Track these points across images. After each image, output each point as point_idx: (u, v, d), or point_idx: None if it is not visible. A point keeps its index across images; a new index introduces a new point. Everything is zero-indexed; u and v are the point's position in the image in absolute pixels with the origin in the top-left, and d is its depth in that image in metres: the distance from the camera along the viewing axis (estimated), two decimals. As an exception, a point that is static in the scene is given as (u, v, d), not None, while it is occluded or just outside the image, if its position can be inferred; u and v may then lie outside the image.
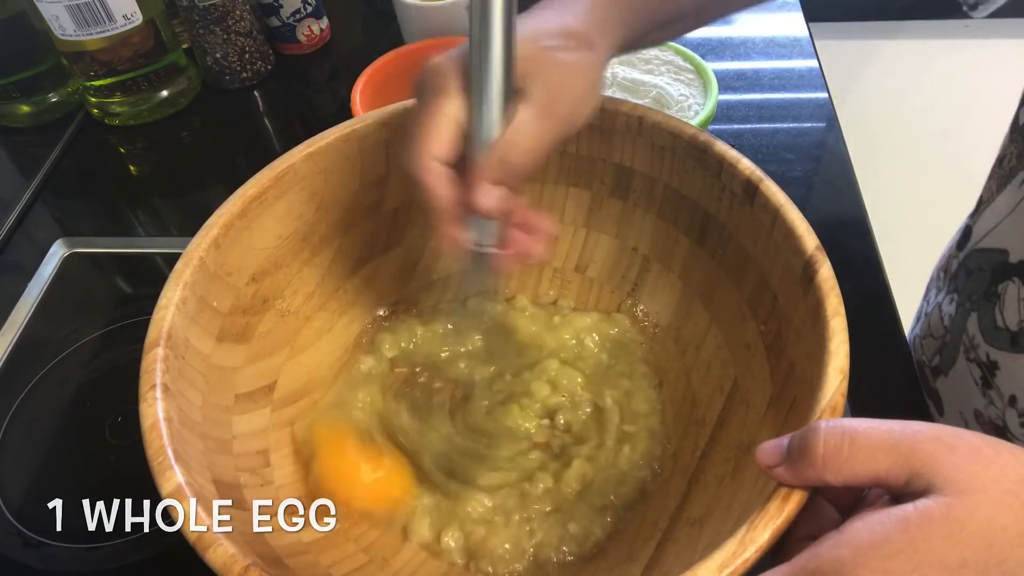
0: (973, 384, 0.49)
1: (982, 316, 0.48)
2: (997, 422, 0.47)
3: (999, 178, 0.49)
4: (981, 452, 0.25)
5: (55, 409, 0.54)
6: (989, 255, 0.48)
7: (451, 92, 0.35)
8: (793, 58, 0.79)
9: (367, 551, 0.42)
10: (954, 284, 0.53)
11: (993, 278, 0.47)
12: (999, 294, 0.46)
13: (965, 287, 0.50)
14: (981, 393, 0.48)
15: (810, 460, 0.27)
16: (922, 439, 0.26)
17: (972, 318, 0.49)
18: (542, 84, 0.35)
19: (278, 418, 0.44)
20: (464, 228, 0.37)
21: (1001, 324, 0.46)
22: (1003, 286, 0.46)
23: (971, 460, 0.25)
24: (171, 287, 0.39)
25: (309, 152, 0.45)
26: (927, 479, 0.25)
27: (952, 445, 0.25)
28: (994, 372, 0.47)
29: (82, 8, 0.66)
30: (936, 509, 0.24)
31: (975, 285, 0.49)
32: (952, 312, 0.52)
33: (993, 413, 0.48)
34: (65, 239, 0.66)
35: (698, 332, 0.46)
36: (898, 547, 0.24)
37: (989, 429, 0.49)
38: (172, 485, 0.32)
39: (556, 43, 0.36)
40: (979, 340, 0.48)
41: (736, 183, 0.41)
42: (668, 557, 0.38)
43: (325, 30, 0.84)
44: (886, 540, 0.24)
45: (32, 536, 0.47)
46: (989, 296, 0.47)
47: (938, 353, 0.54)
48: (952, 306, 0.52)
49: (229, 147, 0.77)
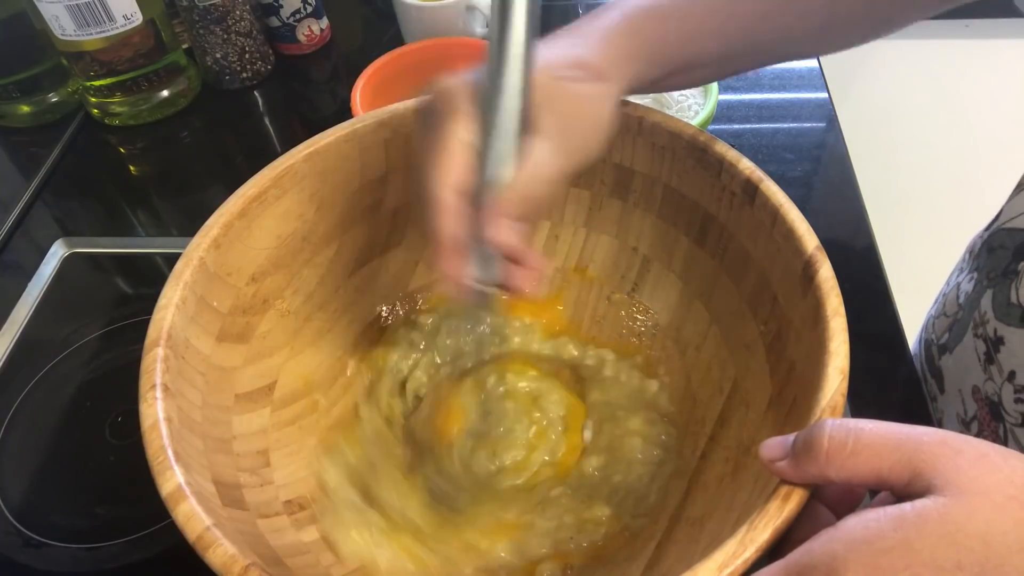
0: (976, 360, 0.49)
1: (997, 292, 0.47)
2: (992, 398, 0.47)
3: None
4: (987, 457, 0.25)
5: (55, 409, 0.54)
6: (1015, 234, 0.48)
7: (463, 118, 0.34)
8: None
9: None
10: (975, 263, 0.52)
11: (1015, 256, 0.47)
12: (1018, 271, 0.46)
13: (985, 264, 0.50)
14: (982, 368, 0.48)
15: (813, 455, 0.27)
16: (927, 441, 0.26)
17: (987, 295, 0.48)
18: (555, 114, 0.35)
19: (278, 418, 0.44)
20: (467, 263, 0.35)
21: (1015, 300, 0.45)
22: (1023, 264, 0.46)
23: (976, 464, 0.25)
24: (171, 287, 0.39)
25: (309, 152, 0.45)
26: (928, 480, 0.25)
27: (958, 448, 0.25)
28: (999, 347, 0.46)
29: (82, 8, 0.66)
30: (934, 509, 0.24)
31: (996, 262, 0.49)
32: (969, 290, 0.52)
33: (990, 388, 0.48)
34: (65, 239, 0.66)
35: (698, 332, 0.46)
36: (891, 544, 0.24)
37: (984, 405, 0.49)
38: (172, 485, 0.32)
39: (569, 73, 0.36)
40: (989, 316, 0.48)
41: (736, 183, 0.41)
42: (668, 557, 0.38)
43: (325, 30, 0.84)
44: (880, 536, 0.24)
45: (32, 536, 0.47)
46: (1008, 273, 0.47)
47: (948, 330, 0.54)
48: (970, 284, 0.52)
49: (229, 147, 0.77)
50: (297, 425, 0.45)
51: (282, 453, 0.43)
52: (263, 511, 0.39)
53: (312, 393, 0.47)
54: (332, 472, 0.44)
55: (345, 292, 0.50)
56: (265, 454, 0.42)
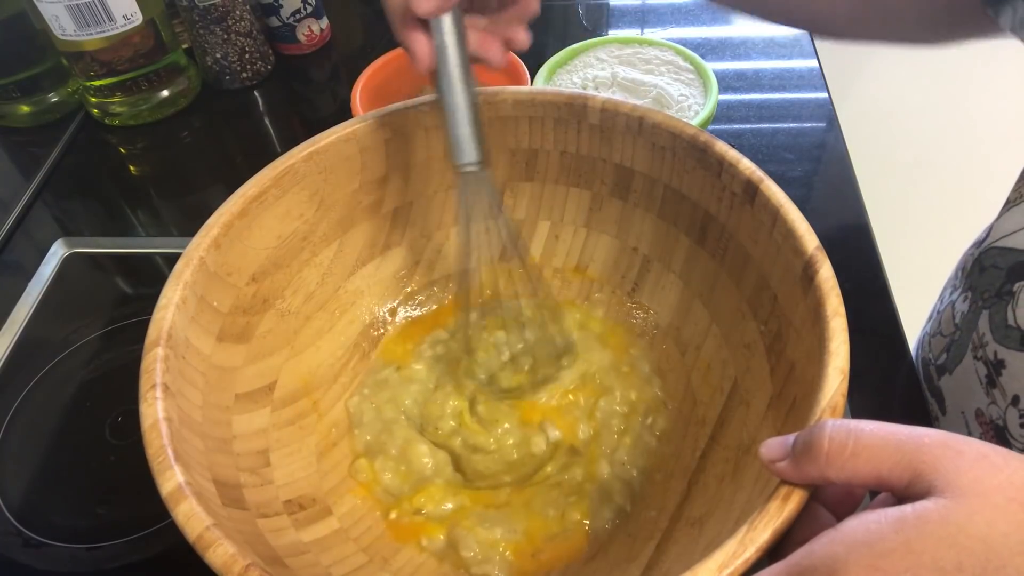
0: (977, 382, 0.48)
1: (993, 313, 0.47)
2: (998, 422, 0.47)
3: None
4: (988, 459, 0.25)
5: (55, 409, 0.54)
6: (1007, 254, 0.48)
7: None
8: (793, 58, 0.79)
9: (367, 551, 0.42)
10: (968, 281, 0.52)
11: (1009, 276, 0.46)
12: (1013, 293, 0.46)
13: (979, 284, 0.50)
14: (984, 392, 0.48)
15: (813, 455, 0.27)
16: (928, 442, 0.26)
17: (984, 315, 0.48)
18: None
19: (278, 418, 0.44)
20: (427, 34, 0.40)
21: (1012, 323, 0.45)
22: (1019, 285, 0.45)
23: (977, 466, 0.25)
24: (171, 287, 0.39)
25: (309, 152, 0.45)
26: (929, 481, 0.25)
27: (959, 450, 0.25)
28: (1000, 371, 0.46)
29: (82, 8, 0.66)
30: (934, 511, 0.24)
31: (989, 282, 0.49)
32: (964, 310, 0.51)
33: (994, 412, 0.47)
34: (65, 239, 0.66)
35: (698, 332, 0.46)
36: (892, 546, 0.24)
37: (989, 429, 0.48)
38: (172, 485, 0.32)
39: None
40: (988, 338, 0.47)
41: (736, 183, 0.41)
42: (668, 557, 0.38)
43: (325, 30, 0.84)
44: (880, 538, 0.24)
45: (32, 536, 0.47)
46: (1002, 294, 0.47)
47: (945, 351, 0.53)
48: (965, 304, 0.52)
49: (229, 147, 0.77)
50: (297, 425, 0.45)
51: (282, 453, 0.43)
52: (263, 511, 0.39)
53: (312, 393, 0.47)
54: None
55: (345, 292, 0.50)
56: (265, 454, 0.42)
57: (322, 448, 0.45)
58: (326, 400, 0.47)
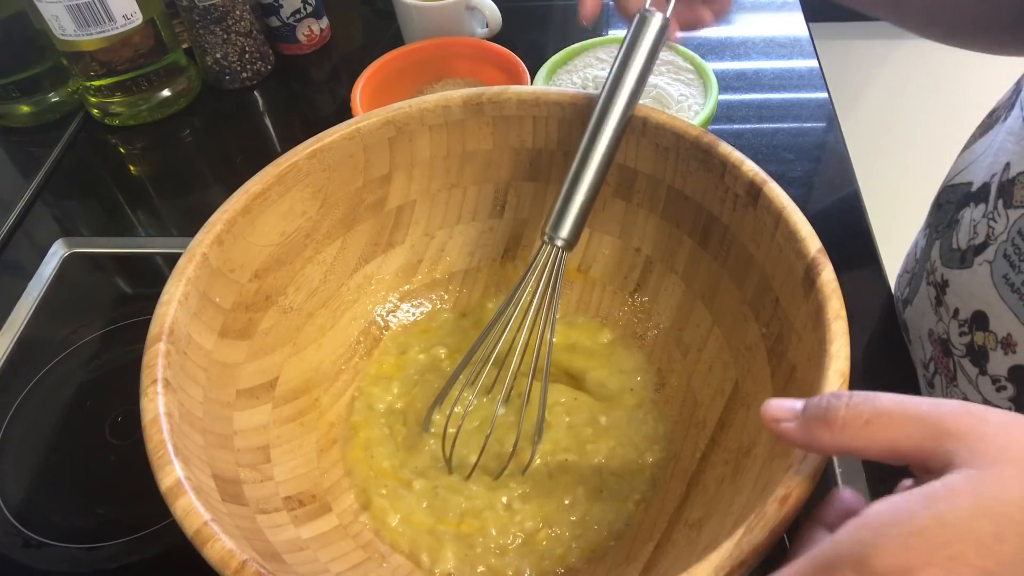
0: (929, 305, 0.51)
1: (943, 242, 0.50)
2: (943, 335, 0.49)
3: (983, 126, 0.51)
4: (1013, 425, 0.24)
5: (55, 409, 0.54)
6: (957, 189, 0.50)
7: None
8: (793, 58, 0.80)
9: (365, 548, 0.42)
10: (927, 219, 0.55)
11: (957, 208, 0.49)
12: (959, 220, 0.48)
13: (935, 220, 0.53)
14: (934, 311, 0.50)
15: (828, 420, 0.26)
16: (950, 412, 0.24)
17: (936, 246, 0.51)
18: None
19: (279, 414, 0.44)
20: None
21: (955, 246, 0.48)
22: (963, 212, 0.48)
23: (1001, 432, 0.24)
24: (174, 282, 0.39)
25: (313, 150, 0.45)
26: (953, 453, 0.24)
27: (982, 418, 0.24)
28: (945, 290, 0.48)
29: (82, 8, 0.66)
30: (964, 483, 0.23)
31: (942, 216, 0.51)
32: (923, 244, 0.54)
33: (941, 329, 0.49)
34: (65, 239, 0.66)
35: (700, 334, 0.46)
36: (923, 523, 0.22)
37: (937, 345, 0.50)
38: (171, 479, 0.32)
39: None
40: (938, 264, 0.50)
41: (739, 185, 0.41)
42: (666, 559, 0.38)
43: (325, 30, 0.84)
44: (910, 516, 0.23)
45: (32, 536, 0.47)
46: (951, 224, 0.49)
47: (908, 285, 0.56)
48: (924, 239, 0.55)
49: (229, 147, 0.76)
50: (298, 422, 0.45)
51: (283, 449, 0.43)
52: (262, 507, 0.39)
53: (313, 390, 0.47)
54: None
55: (348, 290, 0.50)
56: (265, 450, 0.42)
57: (322, 445, 0.45)
58: (327, 397, 0.47)
